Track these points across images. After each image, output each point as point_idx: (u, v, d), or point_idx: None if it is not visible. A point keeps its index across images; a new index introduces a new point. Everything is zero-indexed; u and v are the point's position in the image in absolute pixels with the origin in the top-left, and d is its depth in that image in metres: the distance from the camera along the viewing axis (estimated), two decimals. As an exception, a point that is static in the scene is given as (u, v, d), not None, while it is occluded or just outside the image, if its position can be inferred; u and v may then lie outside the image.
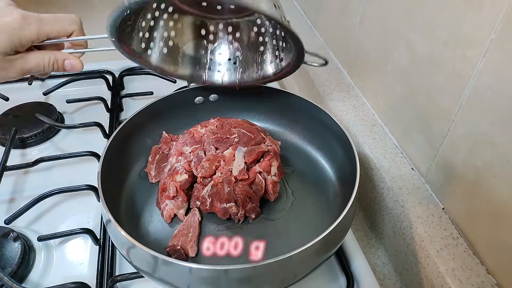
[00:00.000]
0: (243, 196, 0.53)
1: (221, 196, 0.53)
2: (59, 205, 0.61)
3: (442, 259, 0.47)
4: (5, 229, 0.55)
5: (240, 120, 0.63)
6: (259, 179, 0.55)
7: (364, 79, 0.69)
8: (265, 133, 0.62)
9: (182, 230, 0.53)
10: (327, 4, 0.80)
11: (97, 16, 1.11)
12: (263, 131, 0.62)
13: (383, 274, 0.57)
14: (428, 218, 0.51)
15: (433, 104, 0.51)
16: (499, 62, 0.40)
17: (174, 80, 0.81)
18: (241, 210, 0.54)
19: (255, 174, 0.55)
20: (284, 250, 0.41)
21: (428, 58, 0.51)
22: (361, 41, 0.67)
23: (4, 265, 0.51)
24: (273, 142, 0.60)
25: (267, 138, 0.60)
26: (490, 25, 0.40)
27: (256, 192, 0.55)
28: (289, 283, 0.46)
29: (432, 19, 0.49)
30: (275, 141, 0.61)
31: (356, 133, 0.64)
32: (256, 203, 0.55)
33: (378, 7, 0.61)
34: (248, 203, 0.54)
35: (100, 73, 0.85)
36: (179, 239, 0.52)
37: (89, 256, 0.56)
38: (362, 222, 0.64)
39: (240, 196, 0.53)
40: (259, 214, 0.55)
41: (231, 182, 0.54)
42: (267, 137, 0.61)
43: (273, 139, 0.62)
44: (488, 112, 0.42)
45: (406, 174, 0.56)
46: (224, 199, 0.53)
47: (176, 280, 0.44)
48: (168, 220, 0.55)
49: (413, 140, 0.56)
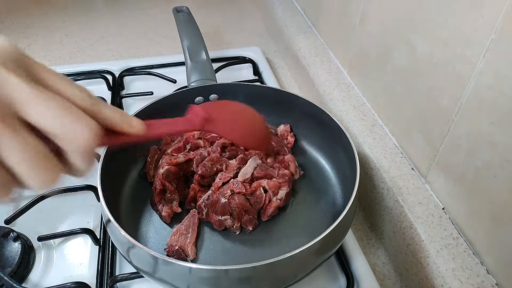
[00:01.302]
0: (238, 209, 0.52)
1: (216, 208, 0.53)
2: (59, 205, 0.61)
3: (442, 259, 0.47)
4: (5, 229, 0.55)
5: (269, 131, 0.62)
6: (260, 192, 0.54)
7: (364, 79, 0.69)
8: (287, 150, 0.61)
9: (181, 230, 0.53)
10: (327, 4, 0.80)
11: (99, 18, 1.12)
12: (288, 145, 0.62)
13: (383, 274, 0.57)
14: (428, 218, 0.51)
15: (433, 104, 0.51)
16: (499, 62, 0.40)
17: (174, 80, 0.81)
18: (237, 223, 0.53)
19: (258, 186, 0.54)
20: (284, 250, 0.41)
21: (428, 58, 0.51)
22: (361, 41, 0.67)
23: (4, 265, 0.51)
24: (294, 162, 0.60)
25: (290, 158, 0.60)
26: (490, 25, 0.40)
27: (253, 205, 0.54)
28: (289, 283, 0.46)
29: (432, 19, 0.49)
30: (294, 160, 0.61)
31: (356, 133, 0.64)
32: (253, 215, 0.54)
33: (378, 7, 0.61)
34: (244, 216, 0.53)
35: (100, 73, 0.85)
36: (178, 239, 0.52)
37: (89, 256, 0.56)
38: (362, 222, 0.64)
39: (236, 209, 0.52)
40: (257, 226, 0.54)
41: (227, 194, 0.53)
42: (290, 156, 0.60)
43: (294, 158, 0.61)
44: (488, 112, 0.42)
45: (406, 174, 0.56)
46: (219, 212, 0.52)
47: (176, 280, 0.44)
48: (168, 220, 0.55)
49: (413, 140, 0.56)
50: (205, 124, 0.45)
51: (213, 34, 1.06)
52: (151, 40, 1.03)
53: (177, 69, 0.85)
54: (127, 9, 1.16)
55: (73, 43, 1.01)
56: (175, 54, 0.89)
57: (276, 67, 0.96)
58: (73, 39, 1.03)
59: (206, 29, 0.87)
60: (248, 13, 1.18)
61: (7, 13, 1.11)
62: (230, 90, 0.68)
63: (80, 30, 1.06)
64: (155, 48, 1.01)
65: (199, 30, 0.76)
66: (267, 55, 0.97)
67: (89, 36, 1.04)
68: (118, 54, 0.99)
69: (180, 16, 0.78)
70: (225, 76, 0.84)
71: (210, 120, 0.45)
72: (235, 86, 0.69)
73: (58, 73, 0.28)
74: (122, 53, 0.99)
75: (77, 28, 1.07)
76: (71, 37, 1.03)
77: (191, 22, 0.77)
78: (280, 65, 0.97)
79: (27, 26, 1.06)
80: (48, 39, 1.02)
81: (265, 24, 1.11)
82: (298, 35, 0.88)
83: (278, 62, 0.98)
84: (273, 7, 1.02)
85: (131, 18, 1.13)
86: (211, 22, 1.11)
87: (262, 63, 0.90)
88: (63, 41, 1.02)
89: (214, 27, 1.09)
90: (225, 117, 0.49)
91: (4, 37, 0.26)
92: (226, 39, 1.06)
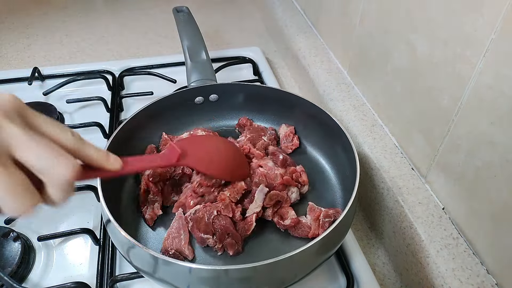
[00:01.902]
0: (221, 231, 0.51)
1: (200, 225, 0.52)
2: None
3: (442, 259, 0.47)
4: (5, 229, 0.55)
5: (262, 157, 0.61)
6: (250, 220, 0.52)
7: (364, 79, 0.69)
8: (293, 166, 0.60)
9: (173, 233, 0.52)
10: (327, 4, 0.80)
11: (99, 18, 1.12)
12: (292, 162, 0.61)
13: (383, 274, 0.57)
14: (428, 218, 0.51)
15: (433, 104, 0.51)
16: (499, 62, 0.40)
17: (174, 80, 0.82)
18: (219, 244, 0.51)
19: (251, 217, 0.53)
20: (284, 250, 0.41)
21: (428, 58, 0.51)
22: (361, 41, 0.67)
23: (4, 265, 0.51)
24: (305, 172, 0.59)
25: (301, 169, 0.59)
26: (490, 25, 0.40)
27: (240, 231, 0.52)
28: (289, 283, 0.46)
29: (432, 19, 0.49)
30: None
31: (356, 133, 0.64)
32: (236, 240, 0.51)
33: (378, 7, 0.61)
34: (227, 238, 0.51)
35: (100, 73, 0.85)
36: (172, 242, 0.51)
37: (89, 256, 0.56)
38: (362, 222, 0.64)
39: (219, 230, 0.51)
40: (239, 253, 0.52)
41: (212, 214, 0.52)
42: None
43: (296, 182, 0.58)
44: (488, 112, 0.42)
45: (406, 174, 0.56)
46: (202, 229, 0.51)
47: (176, 280, 0.44)
48: (151, 223, 0.55)
49: (413, 140, 0.56)
50: (180, 160, 0.48)
51: (213, 34, 1.06)
52: (151, 40, 1.03)
53: (177, 69, 0.85)
54: (127, 9, 1.16)
55: (73, 43, 1.01)
56: (175, 54, 0.89)
57: (276, 67, 0.97)
58: (73, 39, 1.03)
59: (206, 29, 0.87)
60: (248, 13, 1.18)
61: (7, 13, 1.11)
62: (230, 90, 0.68)
63: (80, 30, 1.06)
64: (155, 48, 1.01)
65: (199, 30, 0.76)
66: (267, 55, 0.97)
67: (89, 36, 1.04)
68: (118, 54, 0.99)
69: (180, 16, 0.78)
70: (225, 76, 0.84)
71: (186, 156, 0.49)
72: (235, 86, 0.69)
73: (48, 118, 0.33)
74: (122, 53, 0.99)
75: (77, 28, 1.07)
76: (71, 37, 1.03)
77: (191, 22, 0.77)
78: (280, 65, 0.97)
79: (27, 26, 1.06)
80: (48, 39, 1.02)
81: (265, 24, 1.11)
82: (298, 35, 0.88)
83: (278, 62, 0.98)
84: (273, 7, 1.02)
85: (131, 18, 1.13)
86: (211, 22, 1.11)
87: (262, 63, 0.90)
88: (63, 41, 1.02)
89: (214, 27, 1.09)
90: (200, 152, 0.53)
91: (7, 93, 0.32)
92: (226, 39, 1.06)
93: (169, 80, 0.81)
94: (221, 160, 0.56)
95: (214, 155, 0.55)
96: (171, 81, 0.81)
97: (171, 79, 0.82)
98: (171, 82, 0.81)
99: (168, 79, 0.82)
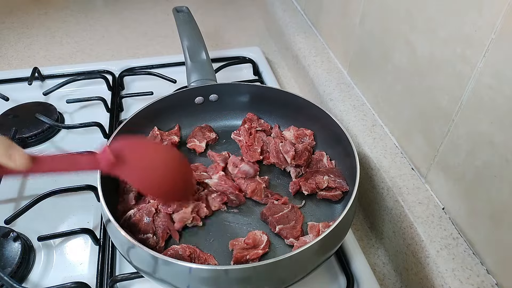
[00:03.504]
0: (163, 227, 0.51)
1: (139, 227, 0.51)
2: (59, 205, 0.61)
3: (442, 259, 0.47)
4: (5, 229, 0.55)
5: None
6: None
7: (364, 79, 0.69)
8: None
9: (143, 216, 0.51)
10: (327, 4, 0.80)
11: (99, 18, 1.12)
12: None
13: (383, 274, 0.57)
14: (428, 218, 0.51)
15: (433, 104, 0.51)
16: (499, 62, 0.40)
17: (174, 80, 0.82)
18: (161, 242, 0.51)
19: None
20: (284, 251, 0.41)
21: (428, 58, 0.51)
22: (361, 41, 0.67)
23: (4, 265, 0.52)
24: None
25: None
26: (490, 25, 0.40)
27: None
28: (289, 283, 0.46)
29: (432, 19, 0.49)
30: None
31: (356, 133, 0.64)
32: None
33: (378, 7, 0.61)
34: (167, 235, 0.52)
35: (100, 73, 0.85)
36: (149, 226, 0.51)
37: (89, 256, 0.56)
38: (362, 222, 0.64)
39: (160, 227, 0.51)
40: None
41: (151, 212, 0.52)
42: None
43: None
44: (488, 112, 0.42)
45: (406, 174, 0.56)
46: (141, 230, 0.51)
47: (176, 280, 0.44)
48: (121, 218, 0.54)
49: (413, 140, 0.56)
50: (111, 169, 0.42)
51: (213, 34, 1.06)
52: (151, 40, 1.03)
53: (177, 69, 0.85)
54: (127, 9, 1.16)
55: (73, 43, 1.01)
56: (175, 54, 0.89)
57: (276, 67, 0.97)
58: (73, 39, 1.03)
59: (206, 29, 0.87)
60: (248, 13, 1.18)
61: (7, 13, 1.11)
62: (230, 90, 0.68)
63: (80, 30, 1.06)
64: (155, 48, 1.01)
65: (199, 30, 0.76)
66: (267, 55, 0.97)
67: (89, 36, 1.04)
68: (118, 54, 0.99)
69: (180, 16, 0.78)
70: (225, 76, 0.84)
71: (120, 165, 0.43)
72: (235, 86, 0.69)
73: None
74: (122, 53, 0.99)
75: (77, 28, 1.07)
76: (71, 37, 1.03)
77: (191, 22, 0.77)
78: (280, 65, 0.97)
79: (27, 26, 1.06)
80: (48, 39, 1.02)
81: (265, 24, 1.11)
82: (298, 35, 0.88)
83: (278, 62, 0.98)
84: (273, 7, 1.02)
85: (131, 18, 1.13)
86: (211, 22, 1.11)
87: (262, 63, 0.90)
88: (63, 41, 1.02)
89: (214, 27, 1.09)
90: (141, 164, 0.46)
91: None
92: (226, 39, 1.06)
93: (169, 80, 0.81)
94: (164, 179, 0.48)
95: (157, 171, 0.47)
96: (171, 81, 0.81)
97: (171, 79, 0.82)
98: (171, 82, 0.81)
99: (168, 79, 0.82)
